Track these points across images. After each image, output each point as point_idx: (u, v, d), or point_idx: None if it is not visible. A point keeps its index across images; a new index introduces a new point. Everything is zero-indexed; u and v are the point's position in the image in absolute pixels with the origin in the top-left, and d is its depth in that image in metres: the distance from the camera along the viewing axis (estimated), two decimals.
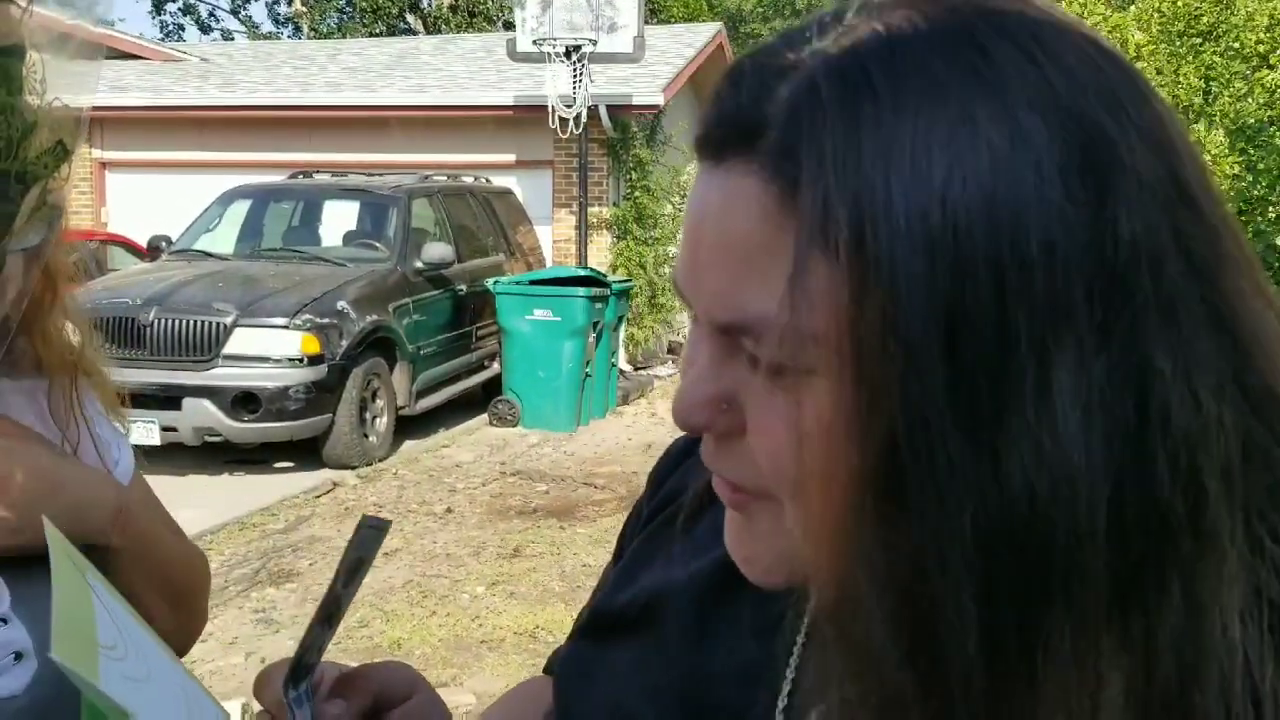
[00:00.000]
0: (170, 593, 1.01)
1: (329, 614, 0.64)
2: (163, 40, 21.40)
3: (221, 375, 6.49)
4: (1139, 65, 3.70)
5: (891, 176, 0.40)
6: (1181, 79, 5.45)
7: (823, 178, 0.41)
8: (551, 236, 10.78)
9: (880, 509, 0.41)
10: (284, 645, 4.18)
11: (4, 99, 0.64)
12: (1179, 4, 5.67)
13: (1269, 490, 0.43)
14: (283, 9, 27.78)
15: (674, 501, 0.69)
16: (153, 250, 8.51)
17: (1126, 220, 0.40)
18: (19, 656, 0.83)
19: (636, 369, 10.47)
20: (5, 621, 0.84)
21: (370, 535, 0.63)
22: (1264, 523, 0.43)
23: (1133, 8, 5.89)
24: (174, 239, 8.42)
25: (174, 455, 6.47)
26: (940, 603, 0.40)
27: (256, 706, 0.68)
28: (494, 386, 8.41)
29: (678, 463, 0.73)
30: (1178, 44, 5.71)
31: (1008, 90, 0.41)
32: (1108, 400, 0.39)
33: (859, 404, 0.41)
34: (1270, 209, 5.07)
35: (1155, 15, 5.64)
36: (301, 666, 0.64)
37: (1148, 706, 0.41)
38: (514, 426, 7.98)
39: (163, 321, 6.54)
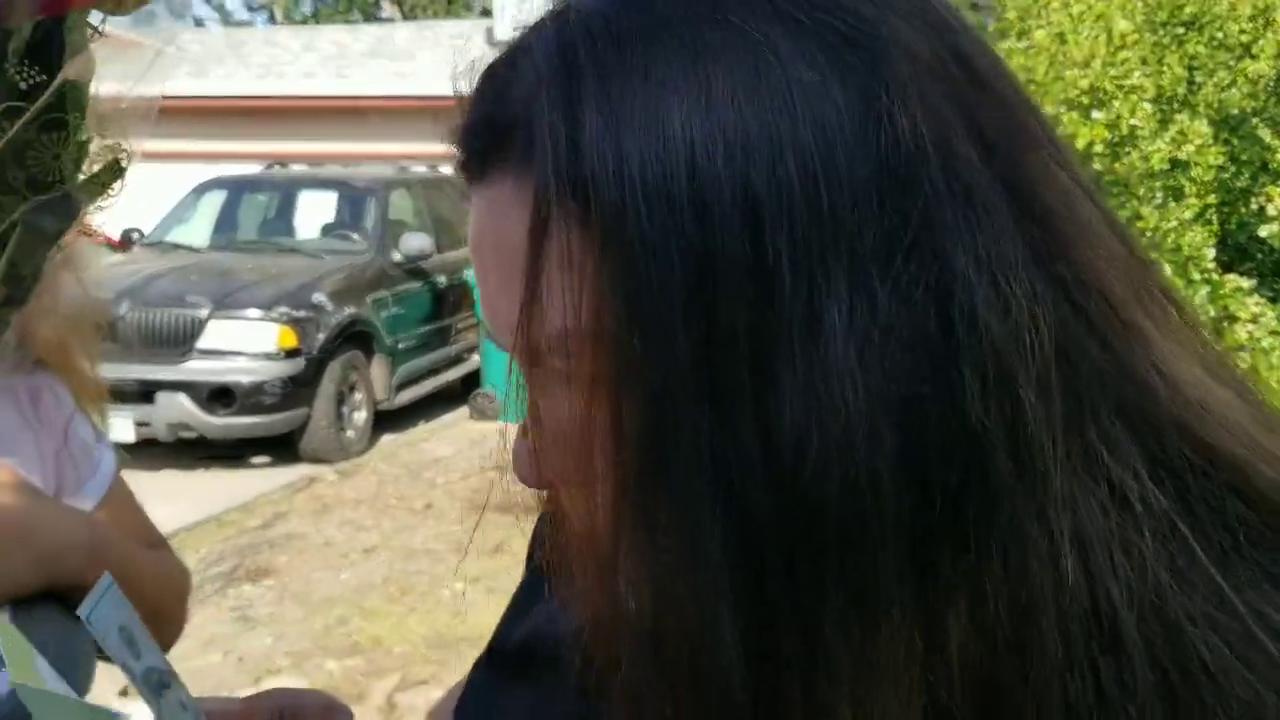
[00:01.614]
0: (146, 611, 1.00)
1: (150, 686, 0.60)
2: (132, 26, 21.15)
3: (196, 369, 6.40)
4: (1124, 54, 3.67)
5: (618, 131, 0.36)
6: (1166, 69, 5.44)
7: (548, 154, 0.37)
8: None
9: (638, 510, 0.37)
10: (262, 643, 4.14)
11: (75, 123, 0.67)
12: None
13: (1101, 394, 0.38)
14: None
15: None
16: (124, 242, 8.40)
17: (904, 110, 0.36)
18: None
19: None
20: None
21: (105, 602, 0.60)
22: (1101, 431, 0.38)
23: None
24: (146, 231, 8.31)
25: (148, 451, 6.38)
26: (697, 615, 0.36)
27: None
28: (474, 380, 8.34)
29: None
30: (1161, 33, 5.70)
31: (740, 4, 0.37)
32: (899, 320, 0.35)
33: (613, 393, 0.37)
34: (1253, 200, 5.07)
35: (1140, 4, 5.63)
36: None
37: (983, 659, 0.37)
38: (494, 420, 7.92)
39: (135, 315, 6.44)
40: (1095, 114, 5.00)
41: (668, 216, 0.35)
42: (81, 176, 0.70)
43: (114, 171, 0.72)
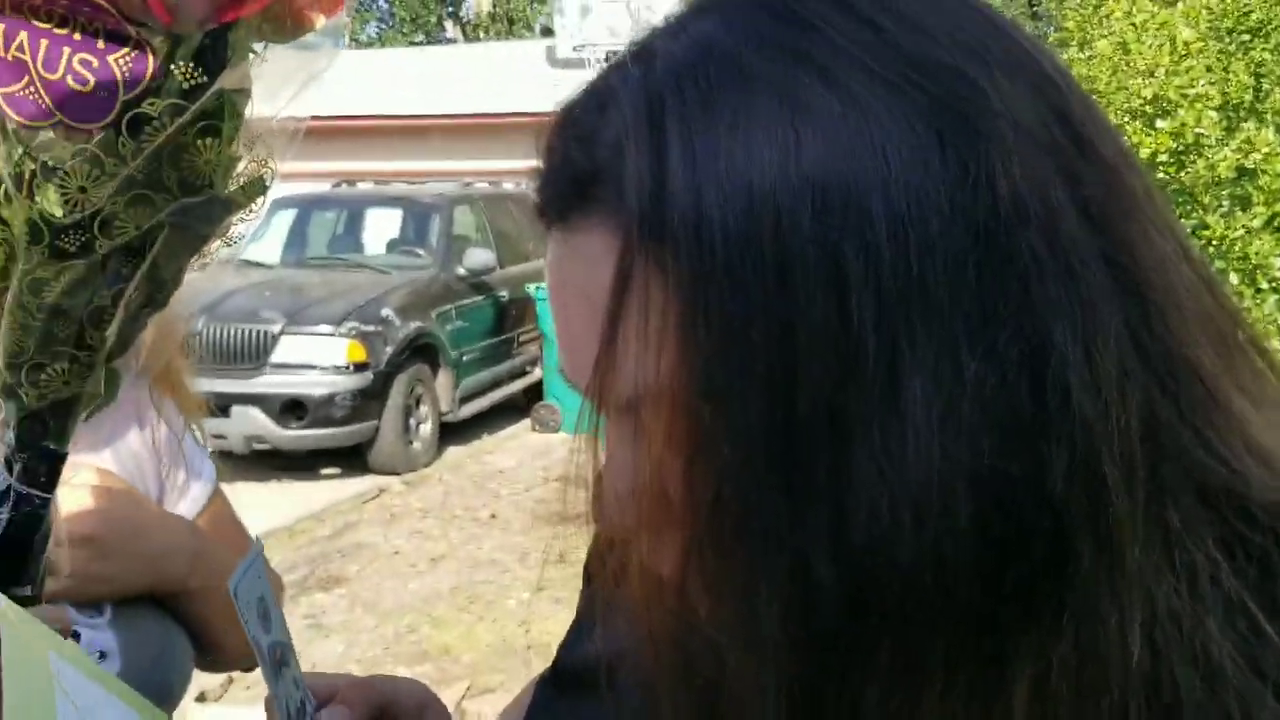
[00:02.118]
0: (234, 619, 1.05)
1: (272, 660, 0.63)
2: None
3: (269, 383, 6.55)
4: (1188, 63, 3.65)
5: (701, 186, 0.35)
6: (1231, 76, 5.36)
7: (634, 206, 0.36)
8: None
9: (700, 573, 0.37)
10: (334, 650, 4.23)
11: (229, 132, 0.69)
12: (1228, 0, 5.59)
13: (1180, 477, 0.37)
14: None
15: None
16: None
17: (1005, 175, 0.34)
18: (103, 655, 0.89)
19: None
20: (98, 627, 0.88)
21: (250, 574, 0.62)
22: (1180, 513, 0.37)
23: (1180, 4, 5.81)
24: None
25: (222, 463, 6.53)
26: (750, 680, 0.36)
27: None
28: (536, 392, 8.43)
29: None
30: (1227, 41, 5.61)
31: (837, 59, 0.36)
32: (987, 393, 0.34)
33: (684, 455, 0.36)
34: None
35: (1204, 12, 5.56)
36: (285, 709, 0.64)
37: None
38: (556, 432, 8.00)
39: (211, 330, 6.62)
40: (1160, 123, 4.95)
41: (750, 278, 0.34)
42: (229, 188, 0.73)
43: (258, 186, 0.75)
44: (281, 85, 0.73)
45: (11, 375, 0.71)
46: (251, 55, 0.69)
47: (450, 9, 25.29)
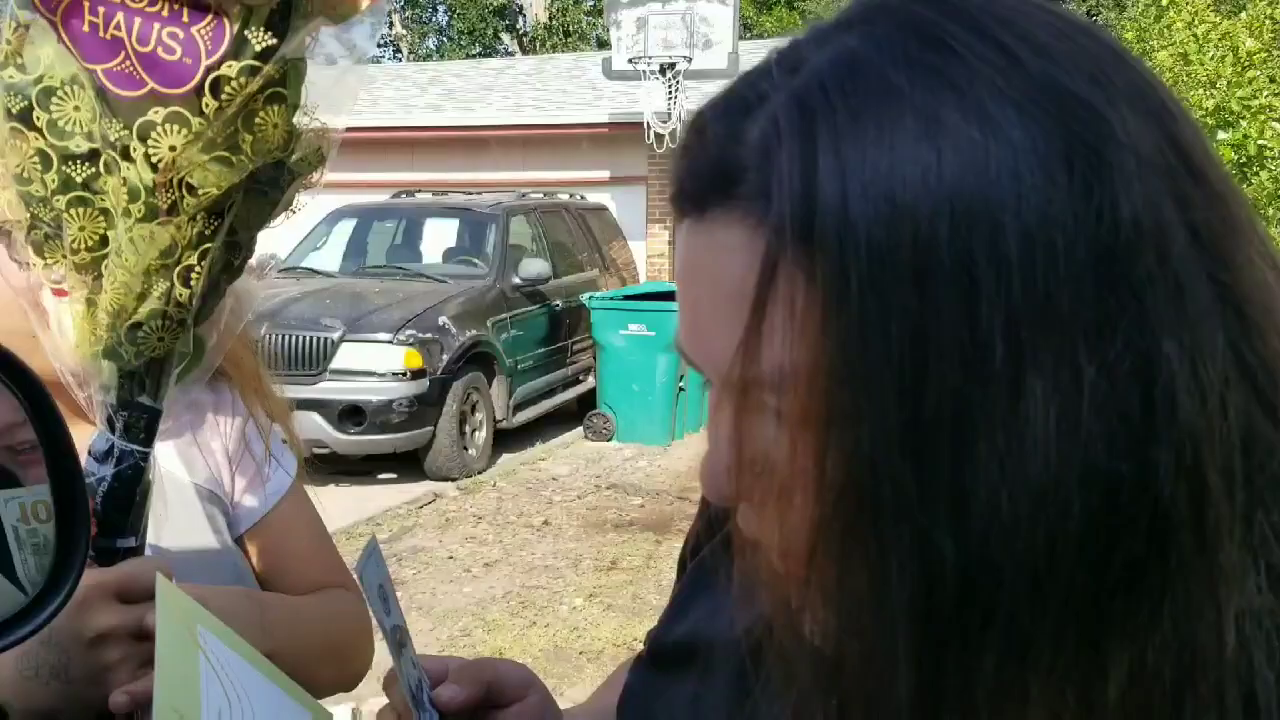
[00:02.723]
0: (325, 655, 1.08)
1: (394, 641, 0.66)
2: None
3: (329, 389, 6.67)
4: (1251, 73, 3.61)
5: (848, 194, 0.38)
6: None
7: (784, 208, 0.39)
8: (645, 252, 10.87)
9: (831, 545, 0.40)
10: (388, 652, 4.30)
11: (293, 99, 0.76)
12: None
13: (1270, 484, 0.40)
14: (384, 31, 28.50)
15: (726, 523, 0.68)
16: (260, 267, 8.77)
17: (1126, 199, 0.37)
18: None
19: None
20: None
21: (371, 563, 0.65)
22: (1269, 518, 0.40)
23: (1244, 14, 5.73)
24: (282, 257, 8.70)
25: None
26: (878, 649, 0.39)
27: (364, 708, 0.70)
28: (589, 400, 8.50)
29: None
30: None
31: (974, 83, 0.38)
32: (1102, 398, 0.37)
33: (820, 436, 0.39)
34: None
35: (1268, 22, 5.48)
36: (407, 685, 0.67)
37: (1141, 712, 0.39)
38: (609, 440, 8.06)
39: (273, 337, 6.76)
40: (1221, 135, 4.90)
41: (890, 281, 0.37)
42: (293, 157, 0.81)
43: (318, 156, 0.83)
44: (329, 66, 0.80)
45: (113, 335, 0.78)
46: (301, 29, 0.76)
47: (508, 22, 25.56)
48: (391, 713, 0.69)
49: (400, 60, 25.42)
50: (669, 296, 8.26)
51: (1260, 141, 4.93)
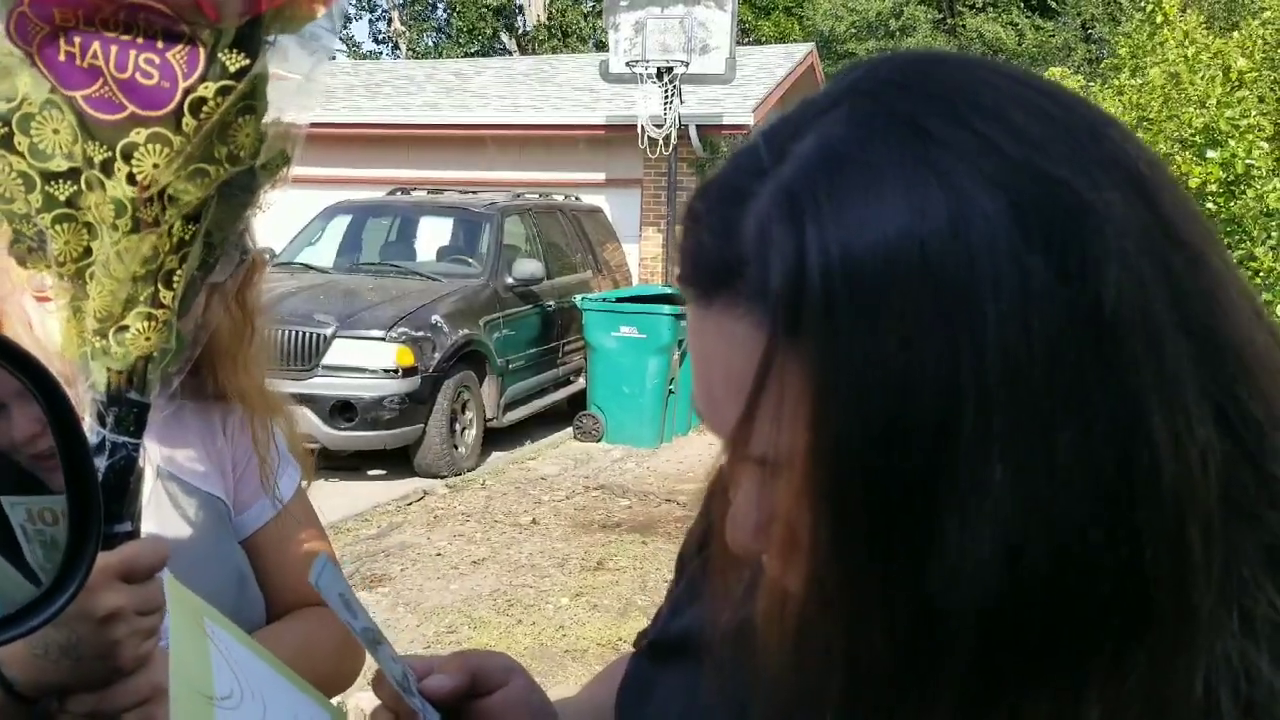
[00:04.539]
0: (320, 678, 1.11)
1: (369, 642, 0.69)
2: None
3: (320, 384, 6.68)
4: (1241, 93, 3.65)
5: (833, 292, 0.39)
6: None
7: (775, 308, 0.41)
8: (639, 255, 10.90)
9: (818, 594, 0.43)
10: None
11: (261, 109, 0.81)
12: None
13: (1246, 520, 0.41)
14: (383, 28, 28.52)
15: None
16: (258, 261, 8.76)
17: (1106, 277, 0.38)
18: None
19: None
20: None
21: (325, 575, 0.67)
22: (1245, 562, 0.41)
23: (1235, 34, 5.79)
24: (277, 251, 8.71)
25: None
26: (844, 674, 0.43)
27: (350, 701, 0.71)
28: (579, 401, 8.52)
29: None
30: None
31: (953, 168, 0.39)
32: (1075, 467, 0.38)
33: (810, 508, 0.42)
34: None
35: (1259, 43, 5.54)
36: (393, 679, 0.69)
37: None
38: (598, 441, 8.09)
39: (270, 333, 6.75)
40: (1210, 153, 4.95)
41: (870, 376, 0.39)
42: (262, 160, 0.84)
43: (283, 158, 0.87)
44: (295, 72, 0.84)
45: (101, 339, 0.82)
46: (266, 43, 0.81)
47: (506, 21, 25.58)
48: (386, 713, 0.70)
49: (399, 57, 25.42)
50: (661, 299, 8.30)
51: (1248, 161, 4.98)
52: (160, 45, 0.76)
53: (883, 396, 0.39)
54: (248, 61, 0.77)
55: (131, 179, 0.77)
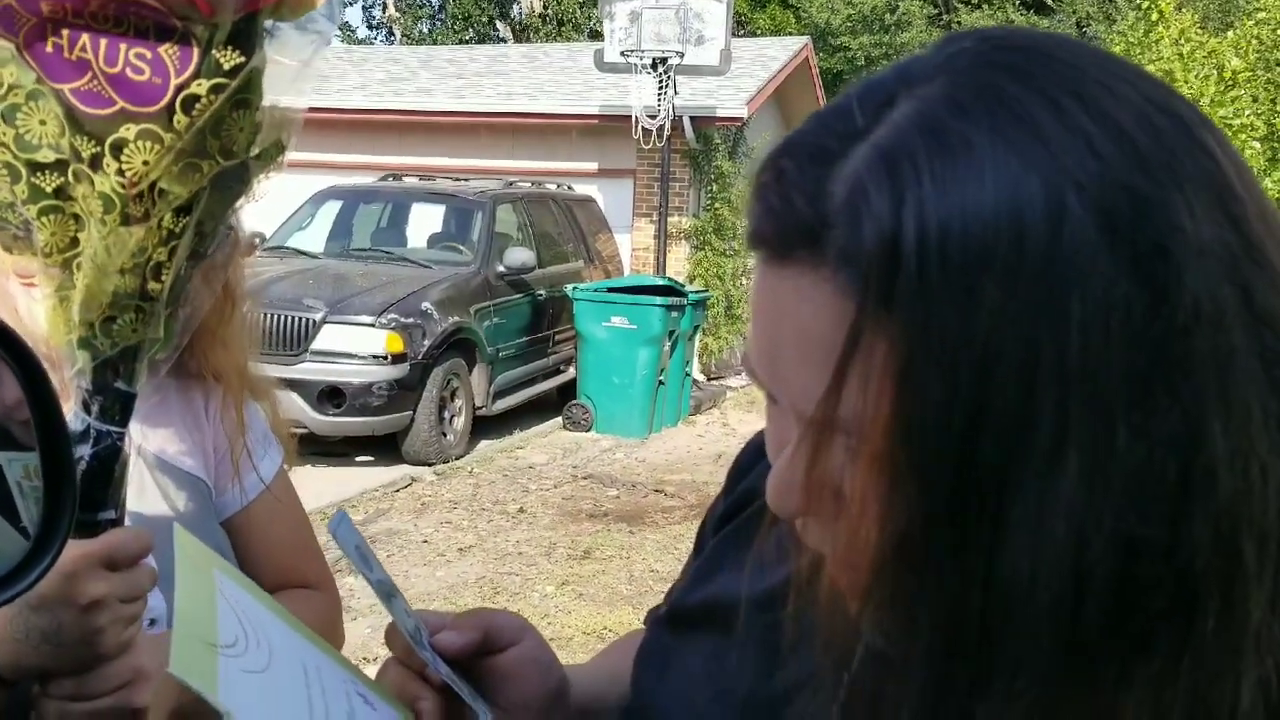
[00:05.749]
0: None
1: (383, 594, 0.69)
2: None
3: (309, 369, 6.67)
4: (1234, 93, 3.65)
5: (927, 270, 0.40)
6: (1278, 107, 5.35)
7: (871, 277, 0.41)
8: (631, 245, 10.89)
9: (884, 567, 0.43)
10: (361, 632, 4.32)
11: (255, 103, 0.79)
12: (1278, 31, 5.57)
13: None
14: (377, 14, 28.40)
15: (751, 502, 0.71)
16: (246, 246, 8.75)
17: (1185, 287, 0.39)
18: (153, 623, 0.96)
19: (710, 379, 10.52)
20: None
21: (344, 528, 0.68)
22: None
23: (1230, 34, 5.80)
24: (267, 236, 8.68)
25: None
26: (905, 651, 0.43)
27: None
28: (569, 391, 8.53)
29: (755, 460, 0.74)
30: (1276, 71, 5.60)
31: (1055, 165, 0.40)
32: (1138, 468, 0.39)
33: (884, 479, 0.42)
34: None
35: (1253, 42, 5.55)
36: (405, 631, 0.70)
37: None
38: (587, 431, 8.09)
39: (255, 316, 6.72)
40: None
41: (959, 358, 0.39)
42: (255, 151, 0.83)
43: (278, 149, 0.86)
44: (292, 60, 0.83)
45: (88, 329, 0.81)
46: (265, 35, 0.79)
47: (501, 8, 25.50)
48: (398, 665, 0.71)
49: (393, 43, 25.34)
50: (652, 290, 8.30)
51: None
52: (152, 40, 0.74)
53: (970, 375, 0.39)
54: (243, 59, 0.75)
55: (121, 174, 0.75)
